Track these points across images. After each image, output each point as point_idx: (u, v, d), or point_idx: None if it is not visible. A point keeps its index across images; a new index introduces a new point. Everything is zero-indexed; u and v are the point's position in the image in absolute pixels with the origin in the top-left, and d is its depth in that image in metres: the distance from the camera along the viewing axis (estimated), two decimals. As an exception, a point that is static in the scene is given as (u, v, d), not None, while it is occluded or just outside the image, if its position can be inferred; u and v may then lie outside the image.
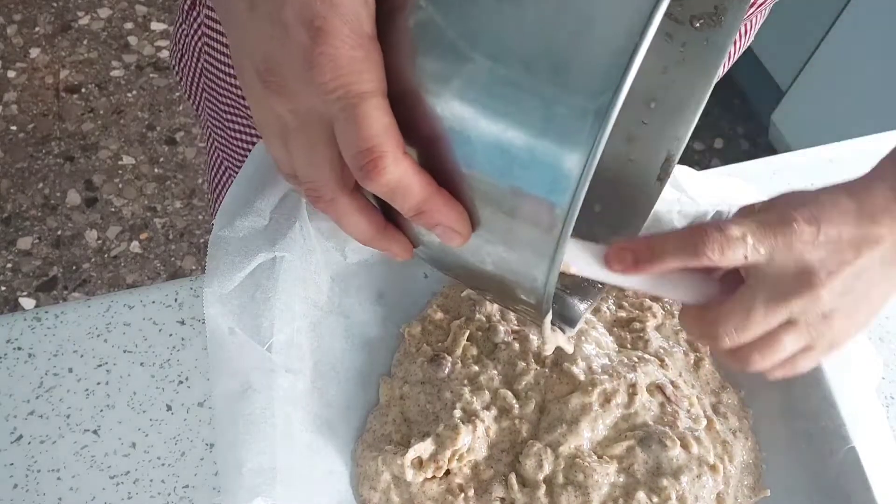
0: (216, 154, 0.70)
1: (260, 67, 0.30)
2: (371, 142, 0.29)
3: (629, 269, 0.39)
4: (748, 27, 0.64)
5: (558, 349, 0.43)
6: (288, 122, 0.31)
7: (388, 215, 0.35)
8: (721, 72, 0.43)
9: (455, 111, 0.29)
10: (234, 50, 0.32)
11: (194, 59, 0.60)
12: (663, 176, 0.44)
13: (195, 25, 0.58)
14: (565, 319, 0.42)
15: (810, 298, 0.39)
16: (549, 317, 0.36)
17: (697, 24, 0.41)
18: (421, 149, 0.30)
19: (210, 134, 0.69)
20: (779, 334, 0.40)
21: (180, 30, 0.62)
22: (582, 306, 0.42)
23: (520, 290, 0.33)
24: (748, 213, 0.43)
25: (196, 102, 0.65)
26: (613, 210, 0.46)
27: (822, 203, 0.39)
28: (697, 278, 0.42)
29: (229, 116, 0.61)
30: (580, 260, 0.40)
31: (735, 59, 0.70)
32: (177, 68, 0.65)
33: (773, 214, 0.39)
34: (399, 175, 0.29)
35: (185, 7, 0.58)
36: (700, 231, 0.39)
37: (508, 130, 0.28)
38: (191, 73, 0.63)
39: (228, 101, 0.60)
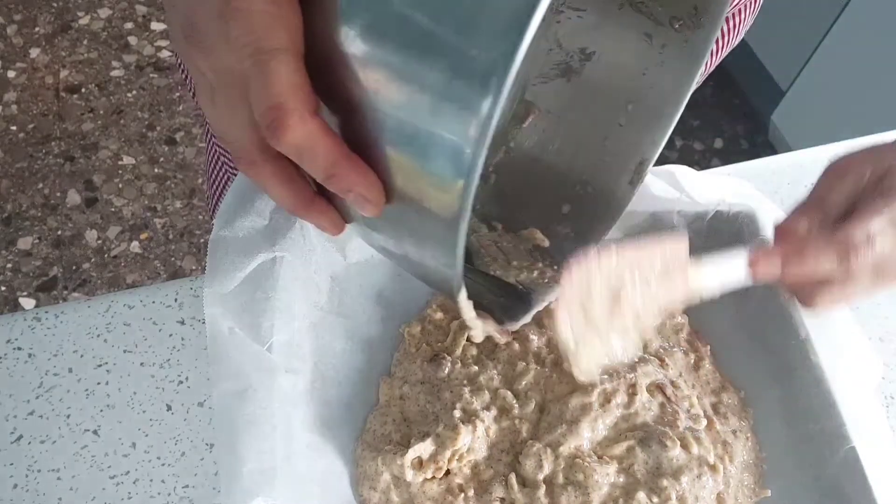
0: (214, 151, 0.70)
1: (184, 23, 0.30)
2: (277, 98, 0.28)
3: (776, 274, 0.43)
4: (736, 23, 0.64)
5: (560, 347, 0.43)
6: (211, 80, 0.30)
7: (321, 188, 0.33)
8: (700, 78, 0.43)
9: (367, 76, 0.28)
10: (166, 11, 0.32)
11: None
12: (635, 180, 0.44)
13: None
14: (511, 314, 0.41)
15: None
16: (463, 295, 0.34)
17: (677, 26, 0.41)
18: (340, 117, 0.30)
19: (209, 132, 0.69)
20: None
21: None
22: (534, 304, 0.42)
23: (434, 267, 0.32)
24: (844, 196, 0.45)
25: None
26: (582, 211, 0.45)
27: None
28: None
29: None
30: (714, 276, 0.43)
31: (722, 56, 0.70)
32: (182, 66, 0.65)
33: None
34: (304, 135, 0.28)
35: None
36: (852, 243, 0.42)
37: (414, 95, 0.27)
38: (192, 72, 0.62)
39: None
